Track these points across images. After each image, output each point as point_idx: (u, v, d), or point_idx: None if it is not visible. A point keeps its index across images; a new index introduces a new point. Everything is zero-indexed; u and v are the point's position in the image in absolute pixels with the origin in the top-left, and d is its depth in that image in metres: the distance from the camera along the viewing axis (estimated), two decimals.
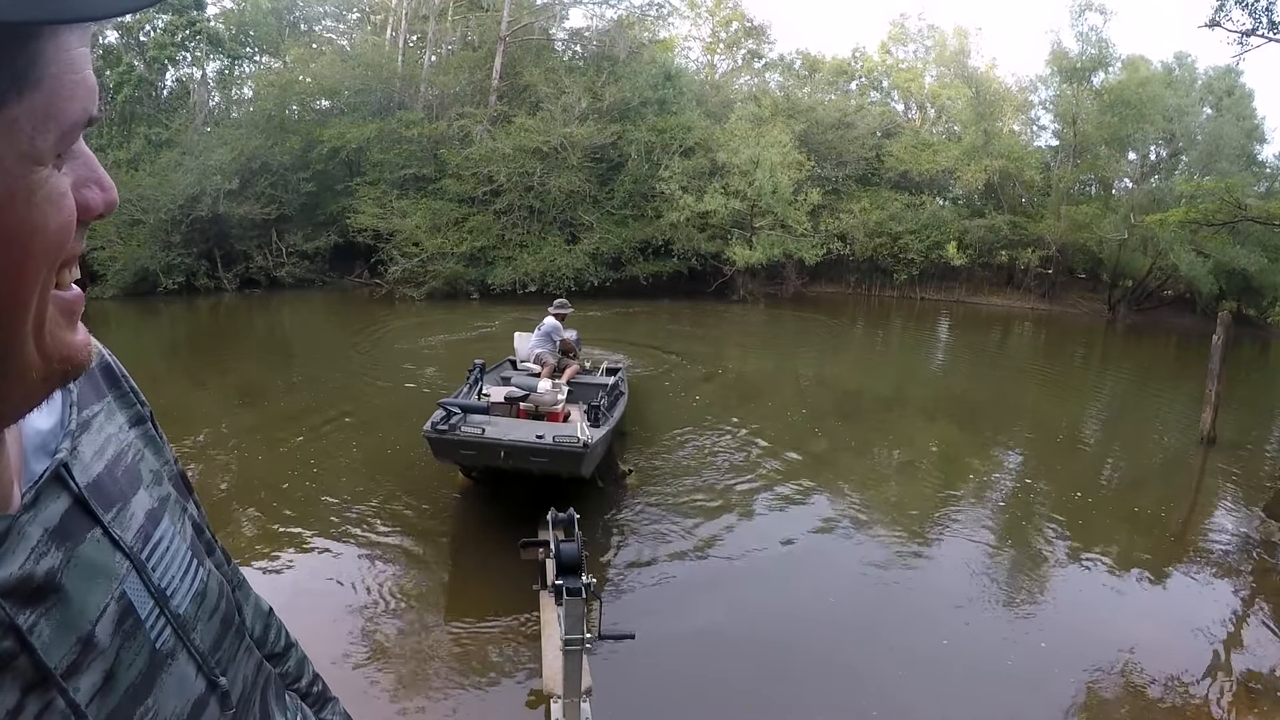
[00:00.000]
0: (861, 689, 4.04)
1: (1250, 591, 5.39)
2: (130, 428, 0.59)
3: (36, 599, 0.43)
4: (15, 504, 0.45)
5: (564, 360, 7.90)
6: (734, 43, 29.26)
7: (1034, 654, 4.40)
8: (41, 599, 0.43)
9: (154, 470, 0.60)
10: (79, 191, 0.41)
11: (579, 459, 5.26)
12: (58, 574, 0.45)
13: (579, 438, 5.33)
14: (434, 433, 5.38)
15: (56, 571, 0.45)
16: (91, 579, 0.47)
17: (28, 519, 0.45)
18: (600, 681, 3.42)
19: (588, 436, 5.40)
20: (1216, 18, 11.46)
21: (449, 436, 5.36)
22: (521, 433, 5.49)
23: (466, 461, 5.73)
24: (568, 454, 5.24)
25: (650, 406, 9.06)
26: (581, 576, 2.88)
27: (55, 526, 0.46)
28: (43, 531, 0.45)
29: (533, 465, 5.36)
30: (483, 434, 5.34)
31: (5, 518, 0.43)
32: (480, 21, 23.46)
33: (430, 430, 5.39)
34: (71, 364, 0.43)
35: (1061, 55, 22.60)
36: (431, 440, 5.41)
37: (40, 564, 0.44)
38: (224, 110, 23.95)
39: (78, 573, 0.46)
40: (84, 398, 0.55)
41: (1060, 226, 21.85)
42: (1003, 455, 8.42)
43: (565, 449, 5.23)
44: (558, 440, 5.27)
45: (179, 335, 15.90)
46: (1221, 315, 8.54)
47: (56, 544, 0.46)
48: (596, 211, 21.48)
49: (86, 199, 0.42)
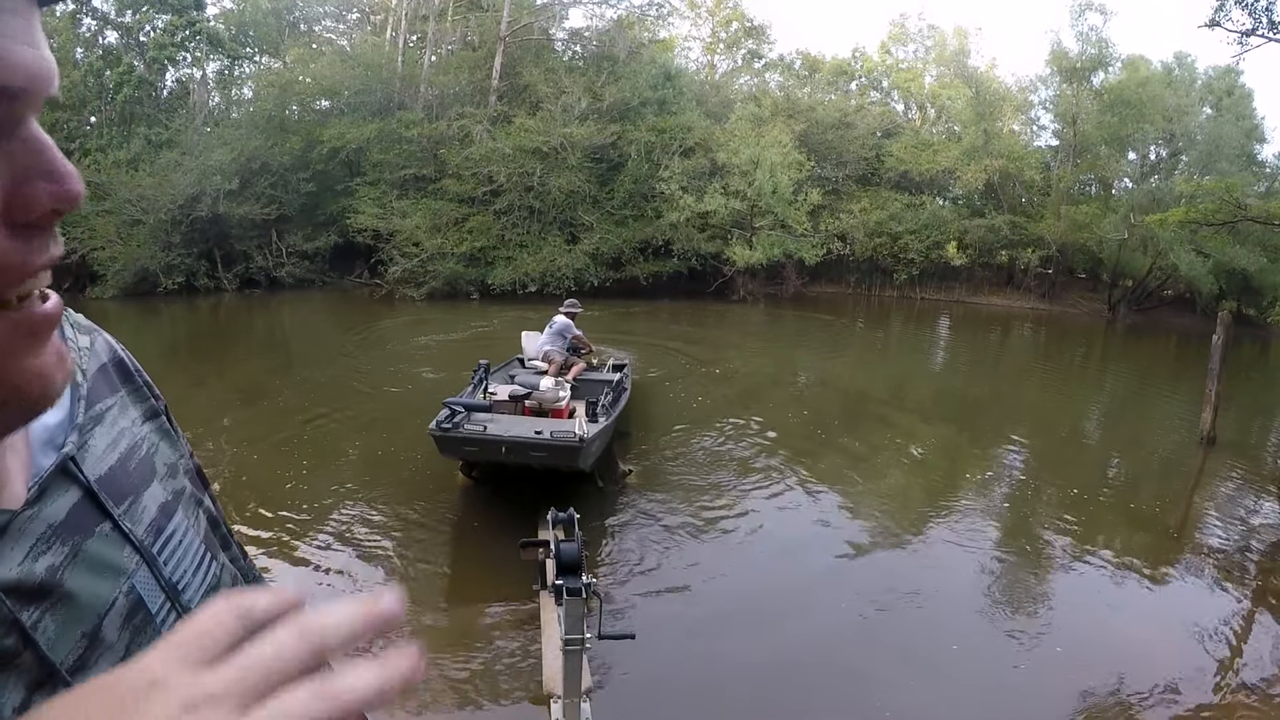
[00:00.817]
0: (864, 690, 4.03)
1: (1251, 592, 5.39)
2: (144, 421, 0.59)
3: (39, 595, 0.42)
4: (20, 499, 0.44)
5: (570, 358, 8.00)
6: (734, 43, 29.26)
7: (1036, 655, 4.40)
8: (44, 595, 0.43)
9: (169, 463, 0.59)
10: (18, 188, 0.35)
11: (576, 453, 5.41)
12: (61, 569, 0.44)
13: (575, 432, 5.46)
14: (438, 430, 5.51)
15: (60, 567, 0.44)
16: (99, 573, 0.47)
17: (30, 515, 0.44)
18: (601, 681, 3.42)
19: (584, 431, 5.54)
20: (1216, 18, 11.48)
21: (453, 434, 5.52)
22: (522, 429, 5.68)
23: (469, 457, 5.87)
24: (565, 448, 5.38)
25: (651, 407, 9.06)
26: (582, 576, 2.88)
27: (61, 521, 0.46)
28: (46, 527, 0.45)
29: (532, 460, 5.52)
30: (484, 431, 5.53)
31: (5, 513, 0.43)
32: (480, 21, 23.46)
33: (435, 428, 5.52)
34: (22, 397, 0.39)
35: (1061, 55, 22.59)
36: (436, 438, 5.55)
37: (42, 560, 0.43)
38: (224, 110, 23.95)
39: (84, 567, 0.46)
40: (96, 392, 0.55)
41: (1060, 226, 21.84)
42: (1003, 455, 8.42)
43: (563, 443, 5.37)
44: (555, 435, 5.43)
45: (179, 335, 15.90)
46: (1221, 315, 8.53)
47: (61, 539, 0.45)
48: (596, 211, 21.48)
49: (26, 196, 0.36)
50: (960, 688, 4.07)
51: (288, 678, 0.30)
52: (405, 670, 0.31)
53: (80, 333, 0.57)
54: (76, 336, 0.56)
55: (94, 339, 0.58)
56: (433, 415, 5.72)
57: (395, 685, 0.31)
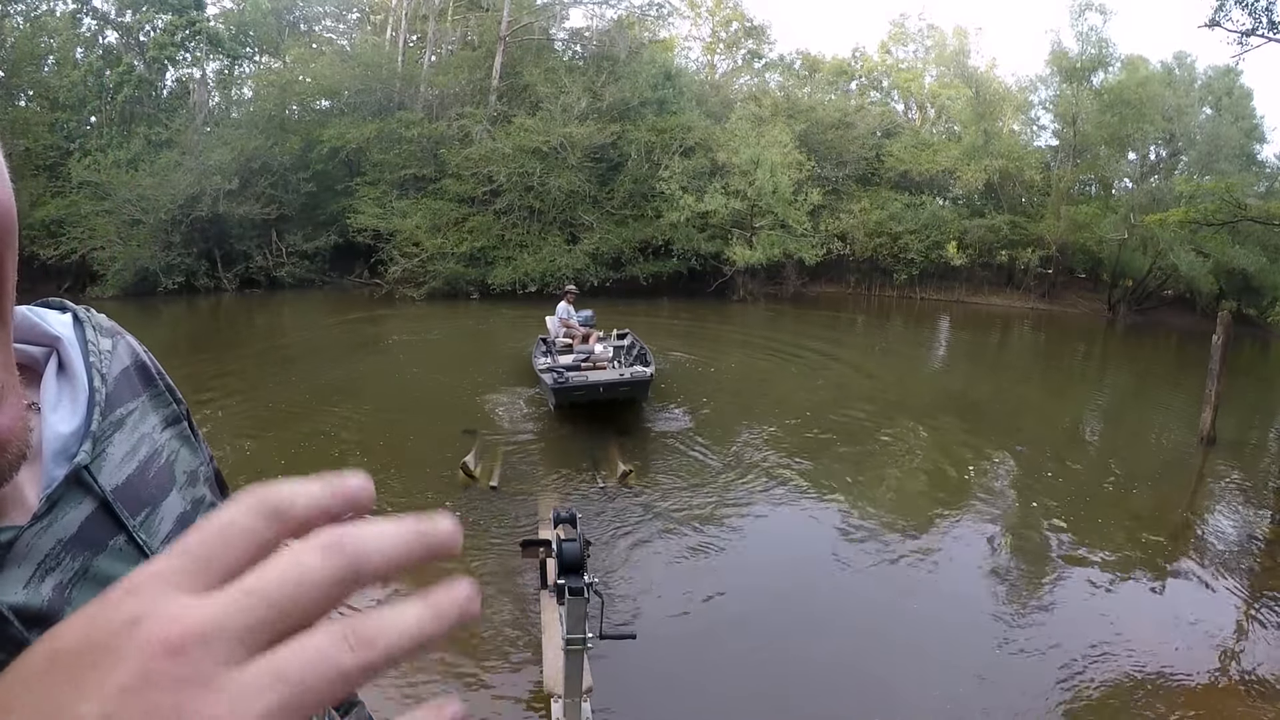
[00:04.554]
0: (864, 689, 4.04)
1: (1251, 592, 5.39)
2: (165, 427, 0.58)
3: (46, 616, 0.41)
4: (29, 514, 0.43)
5: (587, 330, 10.43)
6: (734, 43, 29.26)
7: (1034, 653, 4.39)
8: (51, 616, 0.41)
9: (189, 471, 0.58)
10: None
11: (647, 385, 8.28)
12: (68, 588, 0.43)
13: (648, 372, 8.47)
14: (556, 384, 7.88)
15: (67, 586, 0.43)
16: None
17: (38, 529, 0.43)
18: (601, 681, 3.42)
19: (648, 370, 8.60)
20: (1216, 18, 11.47)
21: (567, 385, 7.92)
22: (607, 376, 8.49)
23: (578, 399, 8.11)
24: (642, 382, 8.20)
25: (651, 406, 9.07)
26: (584, 576, 2.87)
27: (72, 535, 0.44)
28: (55, 542, 0.43)
29: (619, 394, 8.21)
30: (587, 379, 8.16)
31: (11, 529, 0.41)
32: (480, 21, 23.46)
33: (553, 384, 7.90)
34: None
35: (1061, 55, 22.59)
36: (556, 389, 7.88)
37: (49, 579, 0.42)
38: (224, 110, 23.94)
39: (93, 585, 0.44)
40: (118, 396, 0.54)
41: (1060, 226, 21.85)
42: (1003, 455, 8.41)
43: (640, 379, 8.23)
44: (634, 375, 8.39)
45: (179, 335, 15.89)
46: (1221, 315, 8.52)
47: (71, 555, 0.44)
48: (596, 211, 21.48)
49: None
50: (958, 686, 4.06)
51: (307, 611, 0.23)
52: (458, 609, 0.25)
53: (102, 335, 0.56)
54: (98, 339, 0.55)
55: (116, 342, 0.57)
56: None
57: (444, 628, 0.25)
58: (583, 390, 7.98)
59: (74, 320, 0.55)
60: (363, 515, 0.27)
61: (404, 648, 0.24)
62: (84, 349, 0.53)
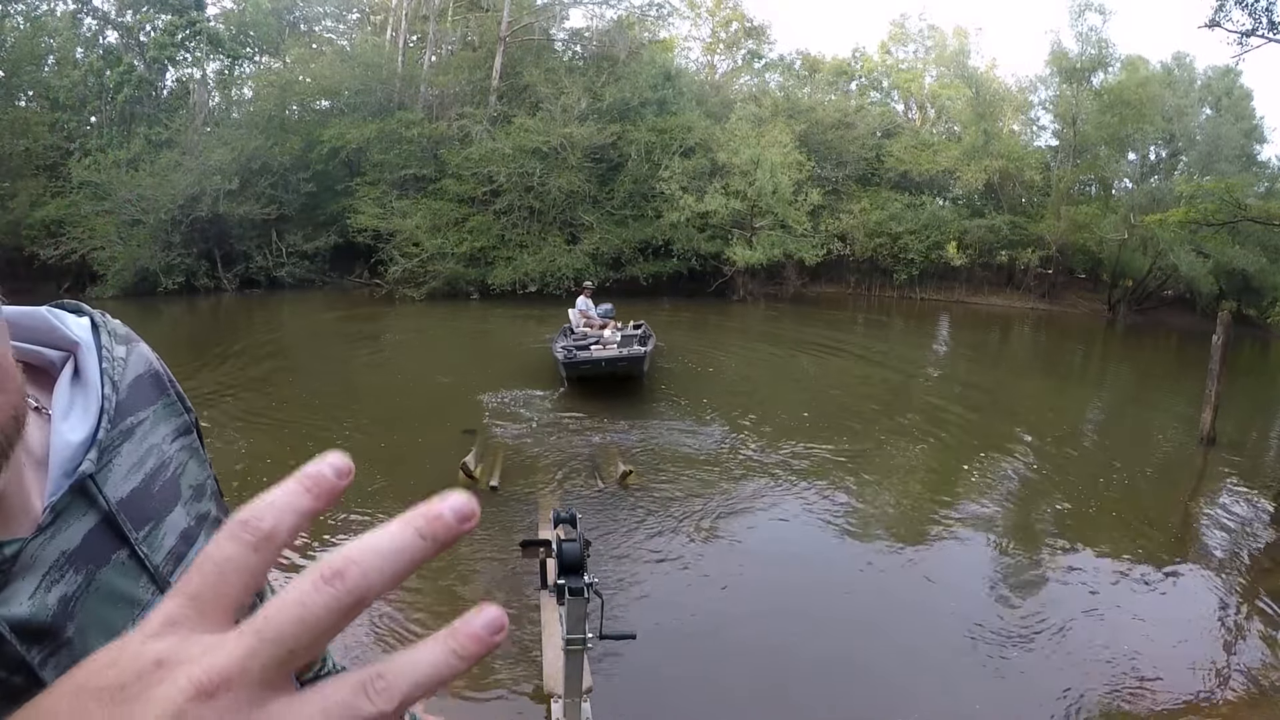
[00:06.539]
0: (864, 689, 4.03)
1: (1249, 591, 5.39)
2: (174, 439, 0.56)
3: (48, 632, 0.40)
4: (35, 525, 0.42)
5: (606, 320, 11.89)
6: (734, 43, 29.27)
7: (1035, 653, 4.39)
8: (54, 632, 0.40)
9: (194, 485, 0.57)
10: None
11: (641, 360, 9.59)
12: (74, 601, 0.42)
13: (644, 350, 9.83)
14: (566, 359, 9.43)
15: (72, 598, 0.42)
16: (113, 604, 0.44)
17: (41, 542, 0.42)
18: (601, 681, 3.42)
19: (644, 349, 9.95)
20: (1216, 18, 11.48)
21: (575, 360, 9.40)
22: (609, 353, 9.69)
23: (585, 373, 9.43)
24: (639, 358, 9.54)
25: (651, 406, 9.08)
26: (583, 576, 2.87)
27: (76, 548, 0.43)
28: (59, 554, 0.42)
29: (618, 369, 9.46)
30: (591, 356, 9.56)
31: (15, 541, 0.40)
32: (480, 21, 23.46)
33: (564, 359, 9.44)
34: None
35: (1061, 55, 22.60)
36: (566, 363, 9.40)
37: (54, 590, 0.41)
38: (224, 110, 23.95)
39: (97, 599, 0.44)
40: (130, 404, 0.52)
41: (1060, 226, 21.85)
42: (1003, 455, 8.41)
43: (636, 356, 9.55)
44: (630, 353, 9.62)
45: (179, 335, 15.88)
46: (1221, 315, 8.52)
47: (75, 568, 0.43)
48: (596, 212, 21.48)
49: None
50: (959, 687, 4.06)
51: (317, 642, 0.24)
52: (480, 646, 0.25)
53: (117, 342, 0.55)
54: (113, 345, 0.54)
55: (130, 349, 0.56)
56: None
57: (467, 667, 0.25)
58: (588, 365, 9.35)
59: (91, 325, 0.54)
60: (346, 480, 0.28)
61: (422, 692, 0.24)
62: (99, 355, 0.52)
